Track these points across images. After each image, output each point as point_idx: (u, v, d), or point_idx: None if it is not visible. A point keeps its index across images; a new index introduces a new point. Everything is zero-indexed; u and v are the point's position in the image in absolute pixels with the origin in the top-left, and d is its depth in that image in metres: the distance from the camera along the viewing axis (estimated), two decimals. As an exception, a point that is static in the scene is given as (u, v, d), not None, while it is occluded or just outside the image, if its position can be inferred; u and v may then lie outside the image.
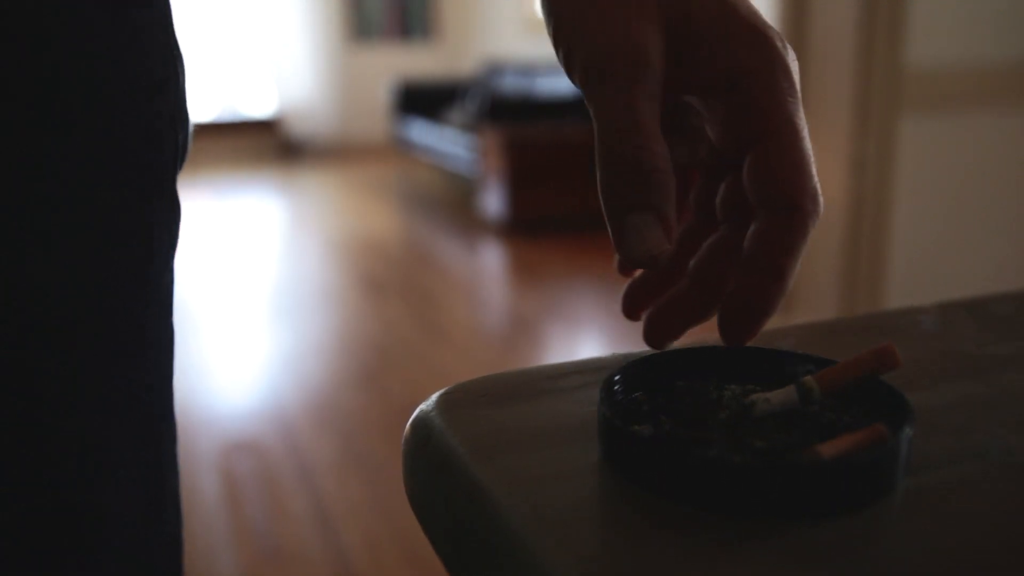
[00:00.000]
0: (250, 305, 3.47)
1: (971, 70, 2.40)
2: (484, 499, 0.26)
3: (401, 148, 6.69)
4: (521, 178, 4.43)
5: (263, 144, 7.39)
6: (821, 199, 0.30)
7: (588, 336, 3.06)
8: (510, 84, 5.89)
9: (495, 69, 6.25)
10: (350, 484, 2.04)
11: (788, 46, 0.30)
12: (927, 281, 2.52)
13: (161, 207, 0.41)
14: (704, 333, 0.36)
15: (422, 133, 6.00)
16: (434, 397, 0.33)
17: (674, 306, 0.33)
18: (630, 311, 0.36)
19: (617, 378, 0.30)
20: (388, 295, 3.60)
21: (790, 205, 0.29)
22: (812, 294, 2.56)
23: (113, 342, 0.38)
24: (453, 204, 5.48)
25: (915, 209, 2.45)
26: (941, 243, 2.51)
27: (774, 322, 0.34)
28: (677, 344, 0.34)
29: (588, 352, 2.86)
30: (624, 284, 0.36)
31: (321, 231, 4.81)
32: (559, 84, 5.28)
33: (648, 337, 0.34)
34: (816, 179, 0.30)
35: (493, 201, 4.64)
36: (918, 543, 0.23)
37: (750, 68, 0.30)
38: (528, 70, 5.77)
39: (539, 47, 6.23)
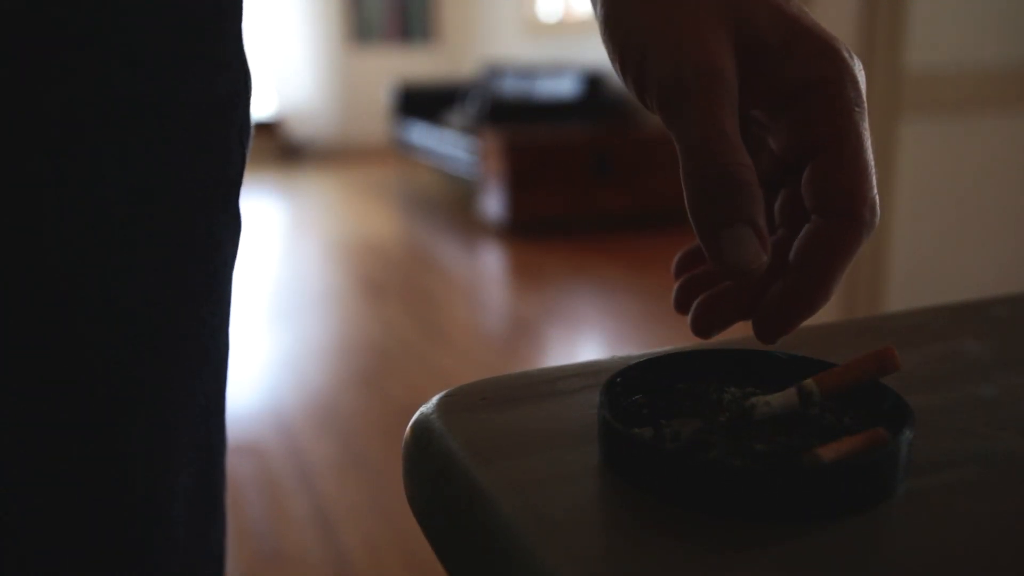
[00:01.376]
0: (250, 307, 3.47)
1: (972, 73, 2.40)
2: (484, 502, 0.26)
3: (401, 150, 6.69)
4: (521, 180, 4.43)
5: (263, 146, 7.39)
6: (879, 212, 0.30)
7: (588, 339, 3.06)
8: (510, 86, 5.90)
9: (495, 71, 6.26)
10: (350, 486, 2.04)
11: (854, 55, 0.31)
12: (927, 284, 2.52)
13: (228, 218, 0.42)
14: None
15: (422, 135, 6.00)
16: (434, 400, 0.33)
17: (723, 299, 0.34)
18: (682, 303, 0.36)
19: (617, 381, 0.30)
20: (388, 297, 3.60)
21: (848, 213, 0.30)
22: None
23: (181, 352, 0.39)
24: (453, 206, 5.48)
25: (915, 212, 2.45)
26: (941, 246, 2.51)
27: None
28: (719, 338, 0.35)
29: (588, 355, 2.86)
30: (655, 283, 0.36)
31: (321, 233, 4.82)
32: (559, 86, 5.28)
33: (695, 326, 0.34)
34: (876, 191, 0.30)
35: (493, 203, 4.64)
36: (919, 546, 0.23)
37: (820, 79, 0.30)
38: (528, 72, 5.77)
39: (539, 49, 6.23)
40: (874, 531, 0.24)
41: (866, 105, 0.30)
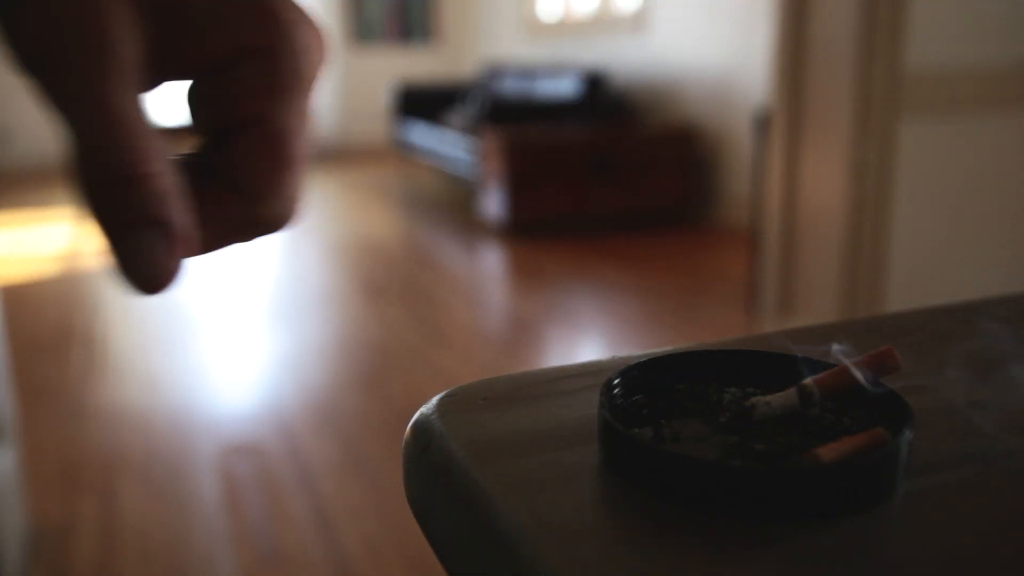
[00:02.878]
0: (250, 308, 3.47)
1: (972, 73, 2.40)
2: (484, 502, 0.26)
3: (401, 151, 6.69)
4: (521, 180, 4.43)
5: (263, 146, 7.38)
6: (297, 205, 0.27)
7: (588, 339, 3.06)
8: (510, 87, 5.89)
9: (495, 72, 6.25)
10: (350, 487, 2.04)
11: (307, 22, 0.26)
12: (927, 285, 2.52)
13: None
14: (702, 335, 0.36)
15: (422, 136, 6.00)
16: (434, 400, 0.33)
17: None
18: None
19: (617, 381, 0.30)
20: (388, 298, 3.60)
21: (258, 201, 0.26)
22: (812, 297, 2.57)
23: None
24: (453, 206, 5.48)
25: (915, 212, 2.45)
26: (941, 247, 2.51)
27: (774, 325, 0.34)
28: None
29: (588, 355, 2.85)
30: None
31: (321, 234, 4.82)
32: (559, 86, 5.28)
33: None
34: (297, 182, 0.27)
35: (493, 203, 4.64)
36: (919, 546, 0.23)
37: (249, 48, 0.25)
38: (528, 72, 5.77)
39: (539, 49, 6.23)
40: (874, 531, 0.24)
41: (307, 80, 0.26)
